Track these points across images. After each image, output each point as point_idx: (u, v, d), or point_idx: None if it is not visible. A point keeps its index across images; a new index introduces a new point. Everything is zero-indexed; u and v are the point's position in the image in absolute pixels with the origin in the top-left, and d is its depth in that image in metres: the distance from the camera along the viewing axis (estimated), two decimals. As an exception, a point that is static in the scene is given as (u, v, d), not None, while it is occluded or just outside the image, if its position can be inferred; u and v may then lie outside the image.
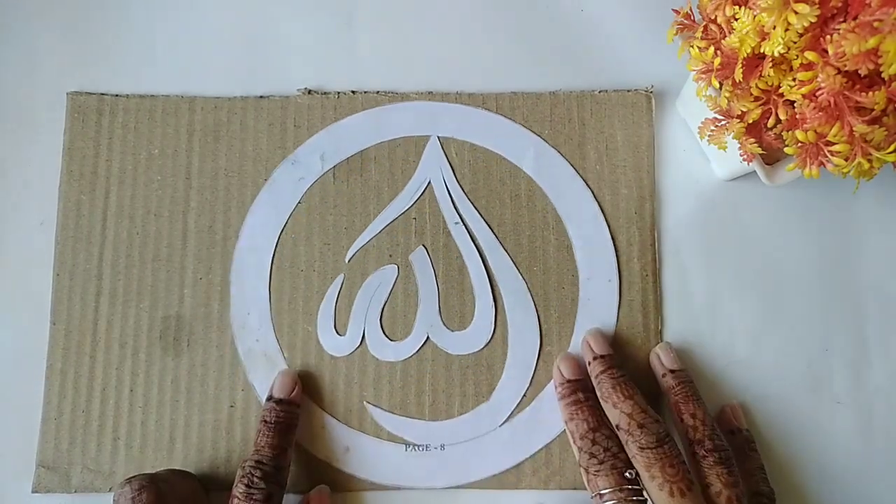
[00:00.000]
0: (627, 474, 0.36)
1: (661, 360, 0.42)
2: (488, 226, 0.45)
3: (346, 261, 0.45)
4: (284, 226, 0.45)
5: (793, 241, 0.46)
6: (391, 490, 0.43)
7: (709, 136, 0.38)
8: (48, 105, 0.47)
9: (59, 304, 0.45)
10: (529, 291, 0.45)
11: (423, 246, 0.45)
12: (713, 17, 0.34)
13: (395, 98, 0.47)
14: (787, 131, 0.34)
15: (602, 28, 0.48)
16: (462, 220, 0.45)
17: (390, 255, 0.45)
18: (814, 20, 0.30)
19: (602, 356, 0.41)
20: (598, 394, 0.40)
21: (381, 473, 0.43)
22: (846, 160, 0.32)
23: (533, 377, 0.44)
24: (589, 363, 0.42)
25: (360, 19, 0.49)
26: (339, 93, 0.47)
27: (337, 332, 0.44)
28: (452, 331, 0.44)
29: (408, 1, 0.49)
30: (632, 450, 0.37)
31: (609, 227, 0.45)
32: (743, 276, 0.45)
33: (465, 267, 0.45)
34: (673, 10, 0.38)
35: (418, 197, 0.46)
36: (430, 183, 0.46)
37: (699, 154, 0.47)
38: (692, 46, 0.36)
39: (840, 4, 0.30)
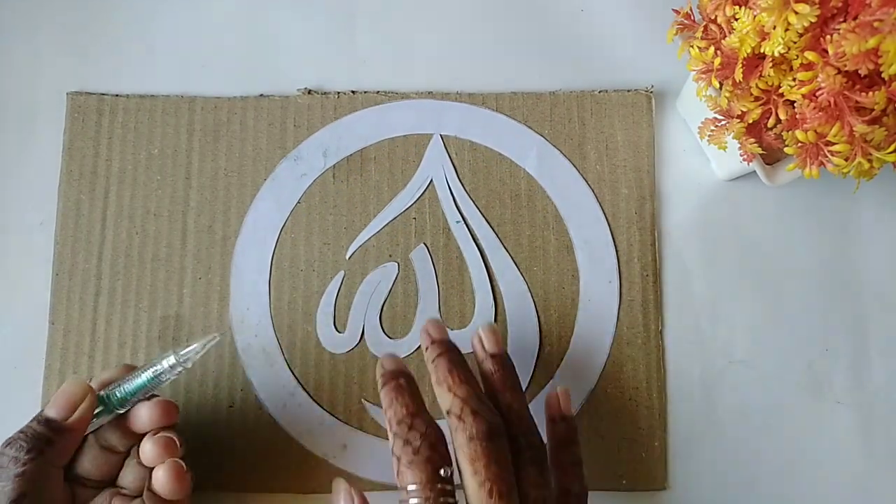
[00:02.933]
0: (442, 471, 0.32)
1: (483, 342, 0.39)
2: (489, 225, 0.45)
3: (347, 258, 0.45)
4: (284, 224, 0.45)
5: (793, 242, 0.46)
6: (388, 489, 0.43)
7: (709, 136, 0.38)
8: (48, 105, 0.47)
9: (58, 303, 0.45)
10: (529, 291, 0.45)
11: (424, 244, 0.45)
12: (713, 17, 0.34)
13: (394, 97, 0.47)
14: (787, 131, 0.34)
15: (602, 28, 0.48)
16: (463, 219, 0.45)
17: (390, 255, 0.45)
18: (814, 20, 0.30)
19: (438, 340, 0.38)
20: (434, 378, 0.36)
21: (379, 472, 0.43)
22: (846, 160, 0.32)
23: (532, 377, 0.44)
24: (426, 348, 0.38)
25: (360, 19, 0.49)
26: (339, 93, 0.47)
27: (336, 329, 0.44)
28: (452, 329, 0.44)
29: (408, 1, 0.49)
30: (459, 438, 0.33)
31: (609, 227, 0.45)
32: (743, 275, 0.45)
33: (465, 266, 0.45)
34: (673, 10, 0.38)
35: (420, 195, 0.46)
36: (431, 181, 0.46)
37: (699, 154, 0.47)
38: (692, 46, 0.36)
39: (840, 4, 0.30)
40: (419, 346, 0.44)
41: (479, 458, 0.32)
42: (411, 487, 0.32)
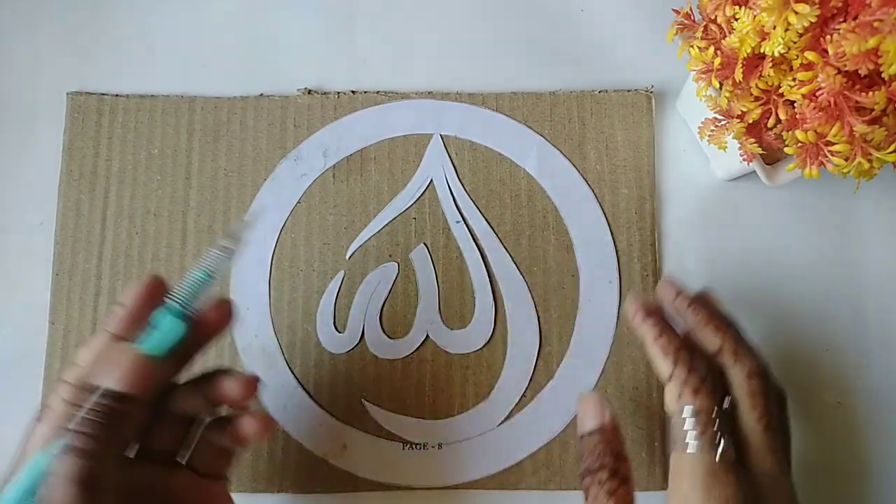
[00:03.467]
0: (725, 402, 0.34)
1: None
2: (489, 225, 0.45)
3: (347, 258, 0.45)
4: (284, 224, 0.45)
5: (793, 241, 0.46)
6: (388, 488, 0.43)
7: (709, 136, 0.38)
8: (48, 105, 0.47)
9: (58, 303, 0.45)
10: (529, 291, 0.45)
11: (424, 244, 0.45)
12: (713, 17, 0.34)
13: (394, 98, 0.47)
14: (787, 131, 0.34)
15: (602, 28, 0.48)
16: (463, 219, 0.45)
17: (390, 255, 0.45)
18: (814, 20, 0.30)
19: (686, 292, 0.38)
20: (695, 320, 0.37)
21: (379, 472, 0.43)
22: (846, 160, 0.32)
23: (532, 376, 0.44)
24: (675, 298, 0.38)
25: (360, 19, 0.49)
26: (338, 93, 0.47)
27: (336, 329, 0.44)
28: (452, 329, 0.44)
29: (408, 1, 0.49)
30: (737, 376, 0.34)
31: (609, 227, 0.45)
32: (743, 275, 0.45)
33: (465, 266, 0.45)
34: (673, 10, 0.38)
35: (419, 196, 0.46)
36: (432, 181, 0.46)
37: (699, 154, 0.47)
38: (692, 46, 0.36)
39: (840, 4, 0.30)
40: (419, 347, 0.44)
41: (757, 394, 0.34)
42: (694, 411, 0.33)
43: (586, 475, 0.35)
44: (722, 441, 0.32)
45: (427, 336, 0.44)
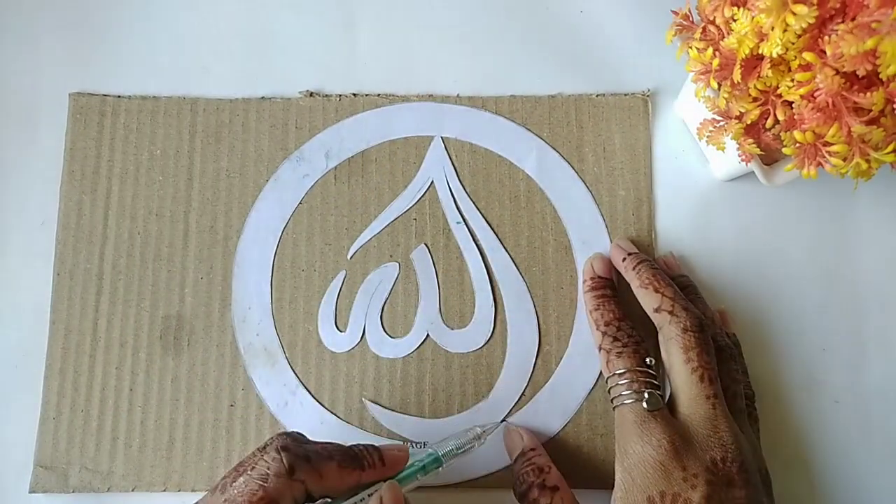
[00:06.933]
0: (647, 360, 0.38)
1: (669, 267, 0.44)
2: (489, 226, 0.46)
3: (348, 258, 0.45)
4: (286, 224, 0.46)
5: (792, 242, 0.46)
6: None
7: (707, 136, 0.38)
8: (50, 106, 0.47)
9: (59, 303, 0.45)
10: (529, 291, 0.45)
11: (425, 244, 0.45)
12: (712, 19, 0.35)
13: (395, 100, 0.47)
14: (786, 132, 0.34)
15: (601, 30, 0.49)
16: (464, 220, 0.46)
17: (391, 255, 0.45)
18: (812, 21, 0.30)
19: (633, 253, 0.43)
20: (637, 283, 0.40)
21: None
22: (844, 160, 0.33)
23: (531, 376, 0.44)
24: (624, 259, 0.42)
25: (361, 22, 0.49)
26: (340, 95, 0.47)
27: (338, 328, 0.45)
28: (452, 329, 0.44)
29: (408, 5, 0.49)
30: (672, 330, 0.37)
31: (607, 228, 0.46)
32: (742, 276, 0.45)
33: (465, 266, 0.45)
34: (672, 11, 0.38)
35: (420, 196, 0.46)
36: (432, 183, 0.46)
37: (698, 155, 0.47)
38: (691, 47, 0.36)
39: (838, 5, 0.30)
40: (419, 346, 0.44)
41: (693, 347, 0.36)
42: (622, 370, 0.38)
43: (521, 499, 0.39)
44: (647, 392, 0.36)
45: (427, 336, 0.44)
